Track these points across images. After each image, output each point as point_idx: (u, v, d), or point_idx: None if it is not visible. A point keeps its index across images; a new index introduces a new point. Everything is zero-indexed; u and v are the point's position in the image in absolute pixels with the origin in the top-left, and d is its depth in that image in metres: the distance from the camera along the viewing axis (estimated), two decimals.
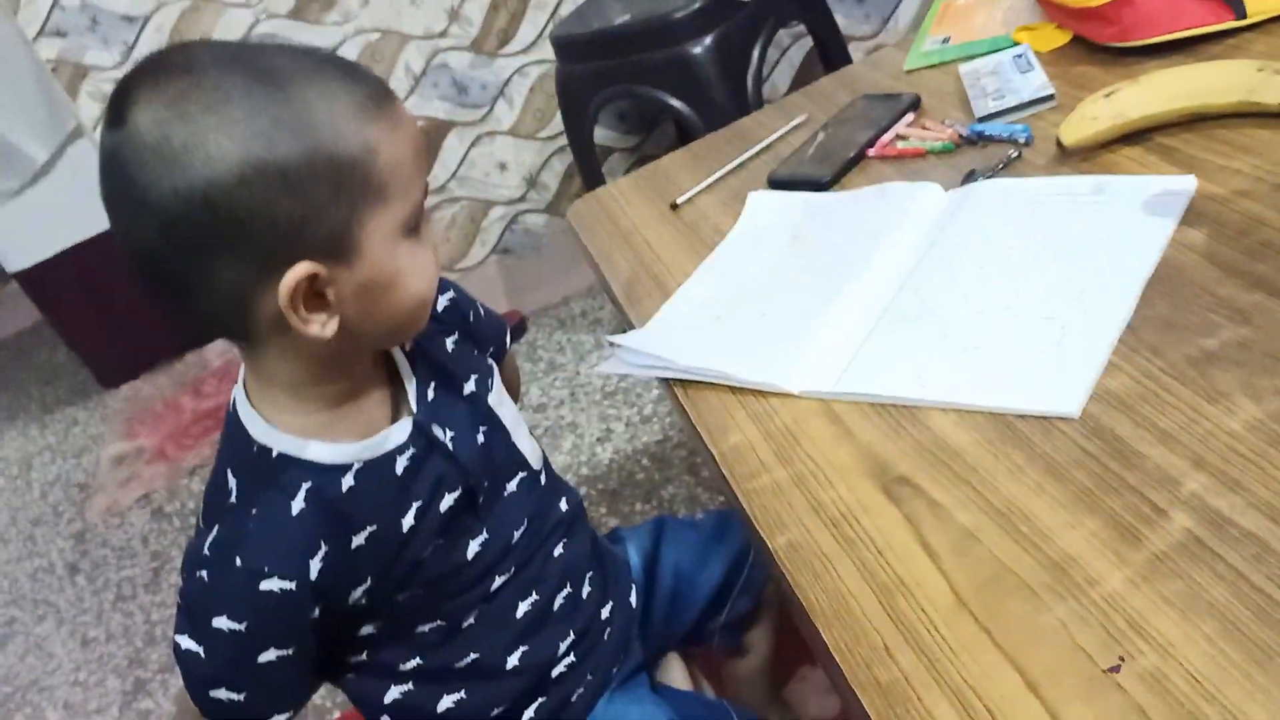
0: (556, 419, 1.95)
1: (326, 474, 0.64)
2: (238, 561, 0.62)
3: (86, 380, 3.08)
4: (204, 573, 0.62)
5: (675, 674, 0.88)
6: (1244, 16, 0.89)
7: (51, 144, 2.60)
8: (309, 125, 0.55)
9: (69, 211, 2.72)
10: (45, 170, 2.65)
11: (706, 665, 0.97)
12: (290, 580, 0.62)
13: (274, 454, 0.64)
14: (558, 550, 0.78)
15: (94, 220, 2.73)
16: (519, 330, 2.28)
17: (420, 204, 0.61)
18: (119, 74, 2.07)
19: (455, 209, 2.33)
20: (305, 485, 0.63)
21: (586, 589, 0.80)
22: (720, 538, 0.92)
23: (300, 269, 0.56)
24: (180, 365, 2.97)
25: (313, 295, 0.58)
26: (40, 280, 2.85)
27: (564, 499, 0.81)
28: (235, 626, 0.62)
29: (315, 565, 0.63)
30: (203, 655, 0.63)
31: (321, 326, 0.59)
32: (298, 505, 0.63)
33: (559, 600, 0.77)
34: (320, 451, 0.64)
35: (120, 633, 1.92)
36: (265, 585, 0.61)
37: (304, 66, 0.57)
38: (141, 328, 2.93)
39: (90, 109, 2.08)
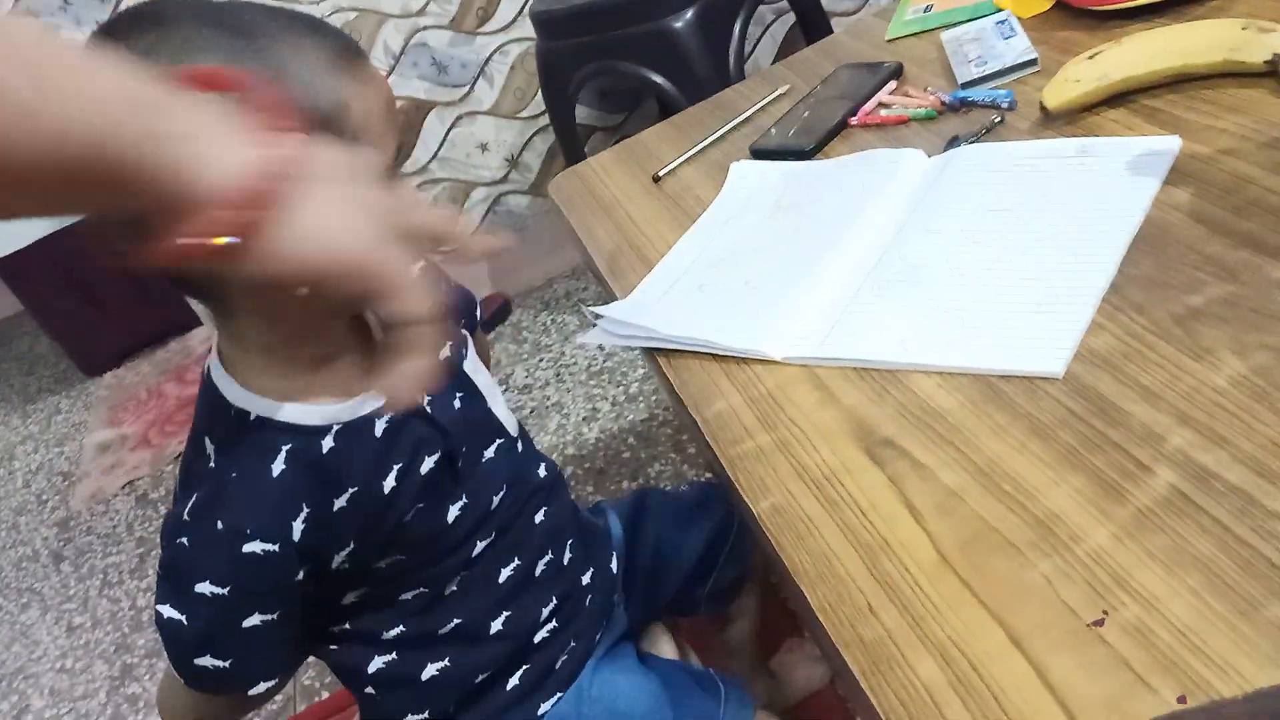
0: (542, 399, 1.94)
1: (306, 435, 0.64)
2: (219, 524, 0.61)
3: (69, 369, 3.06)
4: (185, 538, 0.61)
5: (662, 644, 0.88)
6: None
7: None
8: (281, 78, 0.55)
9: None
10: None
11: (694, 636, 0.97)
12: (273, 542, 0.61)
13: (251, 416, 0.63)
14: (539, 517, 0.78)
15: None
16: (503, 312, 2.27)
17: (392, 161, 0.61)
18: None
19: (436, 190, 2.31)
20: (285, 446, 0.63)
21: (568, 555, 0.80)
22: (702, 508, 0.92)
23: None
24: (163, 352, 2.95)
25: None
26: (20, 269, 2.82)
27: (542, 465, 0.81)
28: (218, 591, 0.61)
29: (298, 526, 0.62)
30: (185, 622, 0.62)
31: None
32: (278, 466, 0.62)
33: (540, 566, 0.77)
34: (299, 413, 0.64)
35: (107, 619, 1.91)
36: (248, 547, 0.61)
37: (276, 21, 0.57)
38: (123, 315, 2.91)
39: None
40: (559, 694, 0.77)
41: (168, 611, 0.62)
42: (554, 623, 0.78)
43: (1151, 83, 0.81)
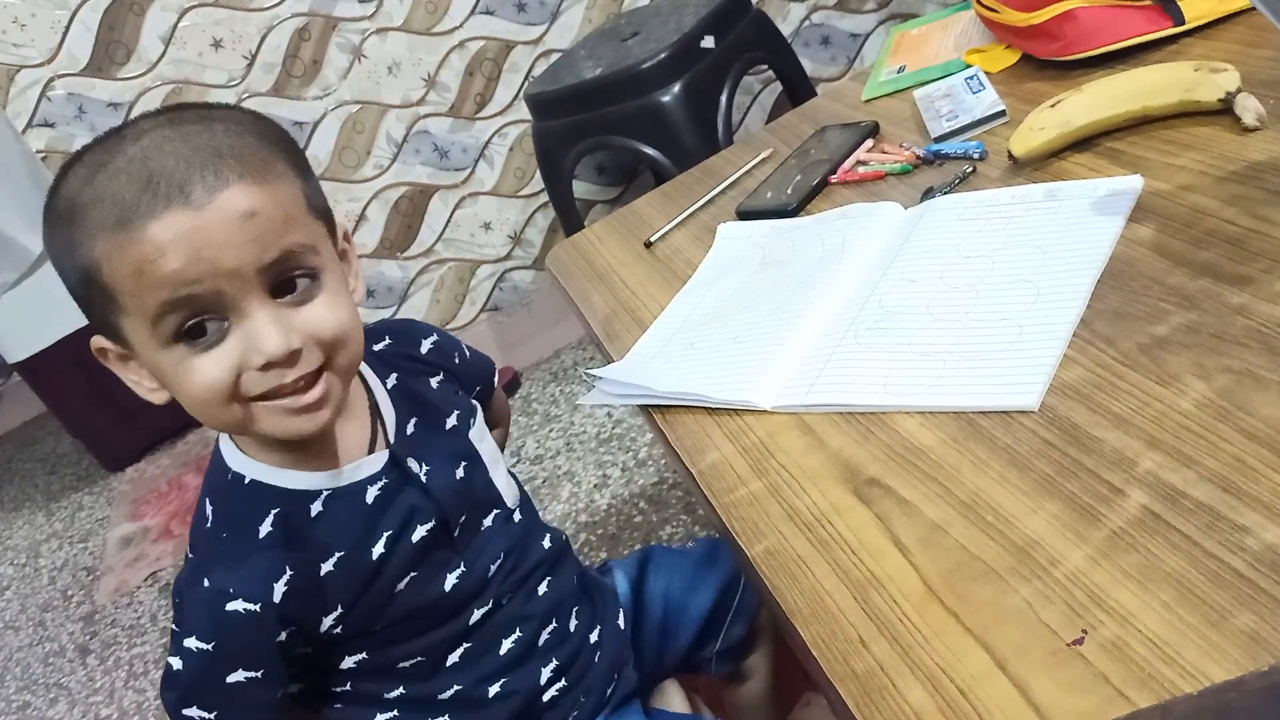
0: (553, 469, 1.96)
1: (295, 499, 0.67)
2: (205, 582, 0.64)
3: (91, 465, 3.09)
4: (184, 595, 0.65)
5: (673, 699, 0.89)
6: (1182, 23, 0.92)
7: None
8: (74, 234, 0.60)
9: (65, 300, 2.73)
10: (41, 260, 2.70)
11: (708, 695, 0.97)
12: (254, 602, 0.64)
13: (246, 480, 0.67)
14: (542, 589, 0.79)
15: None
16: (513, 386, 2.30)
17: (164, 316, 0.59)
18: None
19: (443, 270, 2.37)
20: (273, 511, 0.66)
21: (573, 623, 0.81)
22: (710, 564, 0.93)
23: (95, 340, 0.65)
24: (182, 444, 2.99)
25: (122, 362, 0.65)
26: (40, 369, 2.88)
27: (547, 537, 0.82)
28: (204, 646, 0.64)
29: (279, 589, 0.65)
30: (181, 672, 0.65)
31: (150, 391, 0.66)
32: (265, 528, 0.66)
33: (544, 636, 0.79)
34: (290, 479, 0.67)
35: (133, 710, 1.91)
36: (230, 606, 0.64)
37: (122, 168, 0.59)
38: (142, 410, 2.92)
39: None
40: None
41: (175, 662, 0.66)
42: (563, 681, 0.79)
43: (1113, 126, 0.84)
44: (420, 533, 0.71)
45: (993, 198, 0.83)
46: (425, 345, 0.82)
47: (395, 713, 0.75)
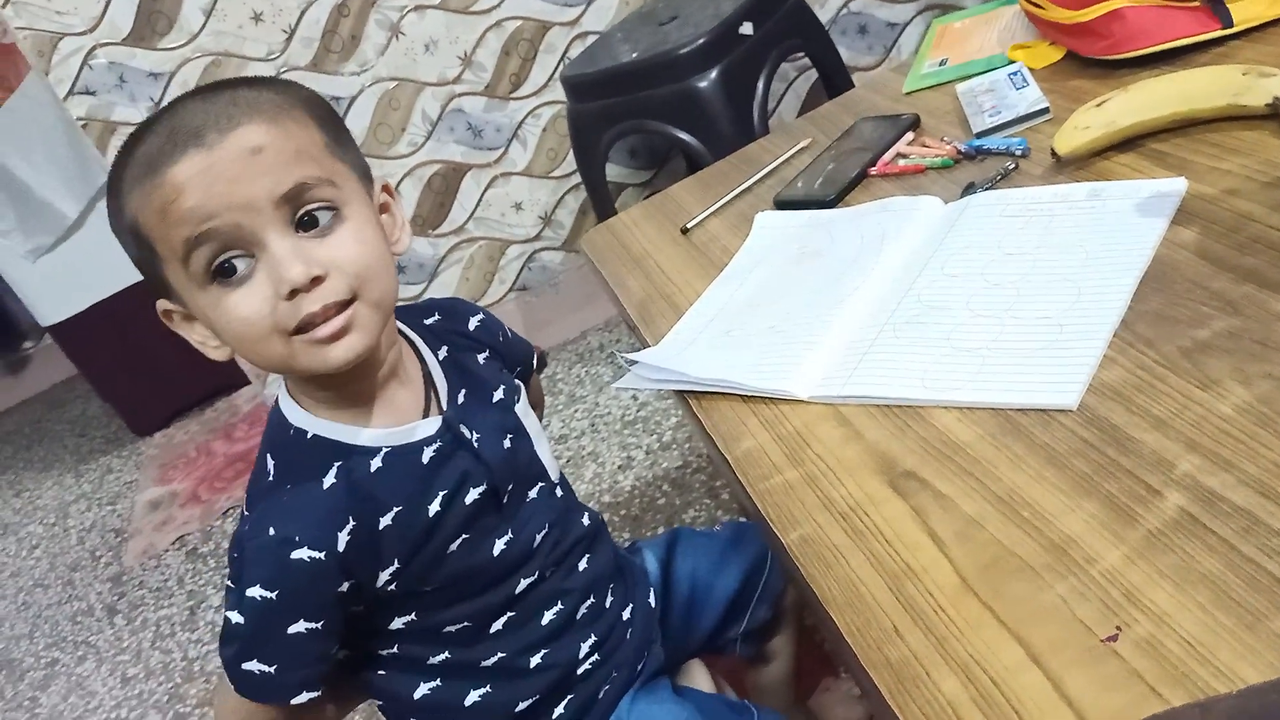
0: (578, 449, 1.97)
1: (356, 455, 0.69)
2: (271, 531, 0.66)
3: (119, 429, 3.14)
4: (245, 546, 0.67)
5: (699, 678, 0.90)
6: (1230, 25, 0.91)
7: (82, 199, 2.69)
8: (120, 200, 0.65)
9: (100, 265, 2.79)
10: (77, 225, 2.73)
11: (730, 676, 0.98)
12: (319, 550, 0.66)
13: (309, 435, 0.70)
14: (582, 564, 0.81)
15: (124, 273, 2.79)
16: (540, 364, 2.32)
17: (190, 253, 0.62)
18: None
19: (473, 249, 2.38)
20: (337, 464, 0.68)
21: (609, 599, 0.83)
22: (736, 547, 0.94)
23: (159, 304, 0.69)
24: (211, 412, 3.03)
25: (187, 323, 0.69)
26: (73, 333, 2.92)
27: (585, 515, 0.84)
28: (268, 595, 0.66)
29: (343, 538, 0.67)
30: (238, 625, 0.67)
31: (215, 349, 0.69)
32: (329, 481, 0.68)
33: (582, 610, 0.80)
34: (351, 434, 0.70)
35: (159, 670, 1.95)
36: (296, 554, 0.66)
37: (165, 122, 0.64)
38: (172, 377, 2.99)
39: None
40: None
41: (234, 616, 0.68)
42: (596, 656, 0.81)
43: (1158, 127, 0.84)
44: (473, 495, 0.73)
45: (1035, 195, 0.84)
46: (472, 323, 0.84)
47: (439, 681, 0.77)
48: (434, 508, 0.71)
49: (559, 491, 0.82)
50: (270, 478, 0.71)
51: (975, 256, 0.80)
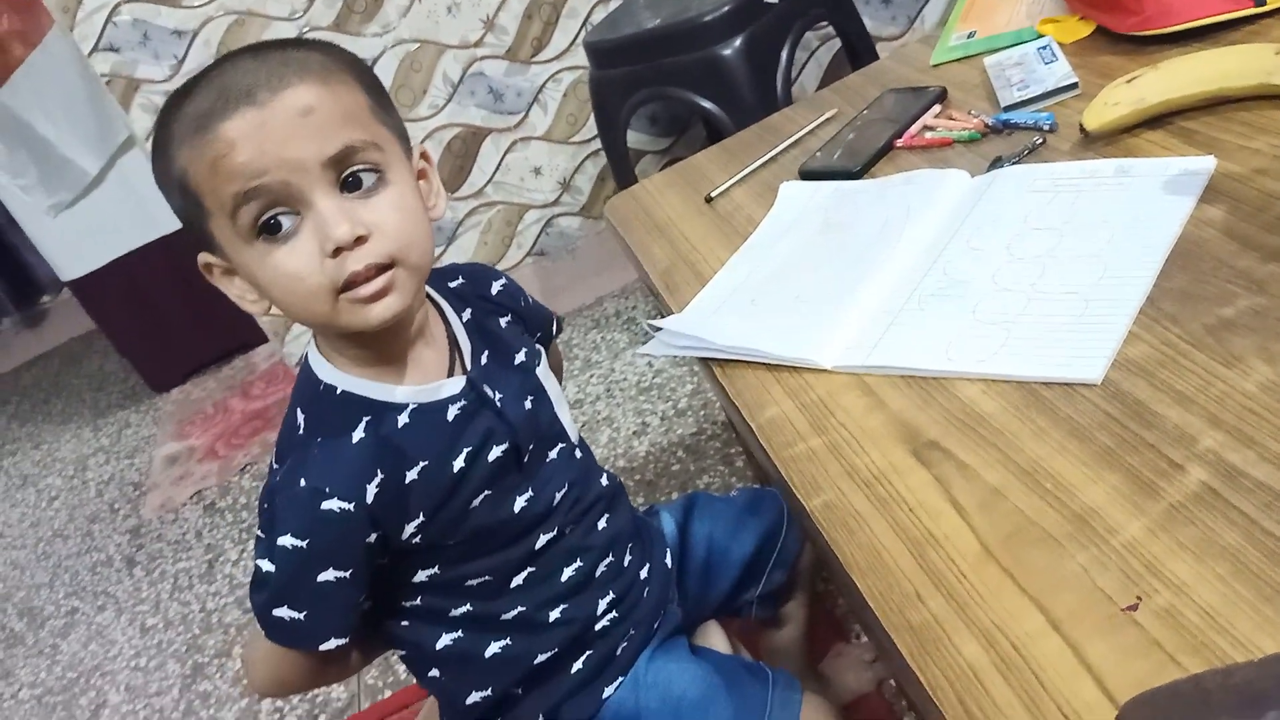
0: (593, 414, 1.99)
1: (384, 411, 0.71)
2: (302, 482, 0.68)
3: (137, 385, 3.17)
4: (276, 497, 0.69)
5: (715, 639, 0.92)
6: (1263, 3, 0.91)
7: (103, 156, 2.70)
8: (168, 153, 0.65)
9: (120, 222, 2.81)
10: (97, 182, 2.75)
11: (744, 638, 1.00)
12: (349, 501, 0.68)
13: (338, 391, 0.72)
14: (601, 524, 0.83)
15: (144, 230, 2.84)
16: (556, 330, 2.33)
17: (239, 208, 0.64)
18: (169, 86, 2.14)
19: (491, 213, 2.39)
20: (365, 419, 0.70)
21: (628, 559, 0.85)
22: (753, 512, 0.96)
23: (201, 257, 0.70)
24: (228, 369, 3.06)
25: (226, 277, 0.70)
26: (92, 289, 2.94)
27: (604, 476, 0.86)
28: (298, 543, 0.68)
29: (371, 490, 0.69)
30: (269, 573, 0.69)
31: (252, 303, 0.71)
32: (357, 435, 0.70)
33: (601, 568, 0.82)
34: (379, 391, 0.72)
35: (178, 620, 1.99)
36: (326, 505, 0.68)
37: (212, 80, 0.65)
38: (190, 334, 3.02)
39: (143, 121, 2.15)
40: (619, 679, 0.82)
41: (264, 565, 0.70)
42: (614, 613, 0.83)
43: (1188, 105, 0.84)
44: (496, 453, 0.74)
45: (1063, 170, 0.84)
46: (495, 287, 0.85)
47: (460, 632, 0.79)
48: (458, 464, 0.73)
49: (578, 453, 0.84)
50: (300, 432, 0.73)
51: (1002, 230, 0.80)
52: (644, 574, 0.86)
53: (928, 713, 0.51)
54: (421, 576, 0.76)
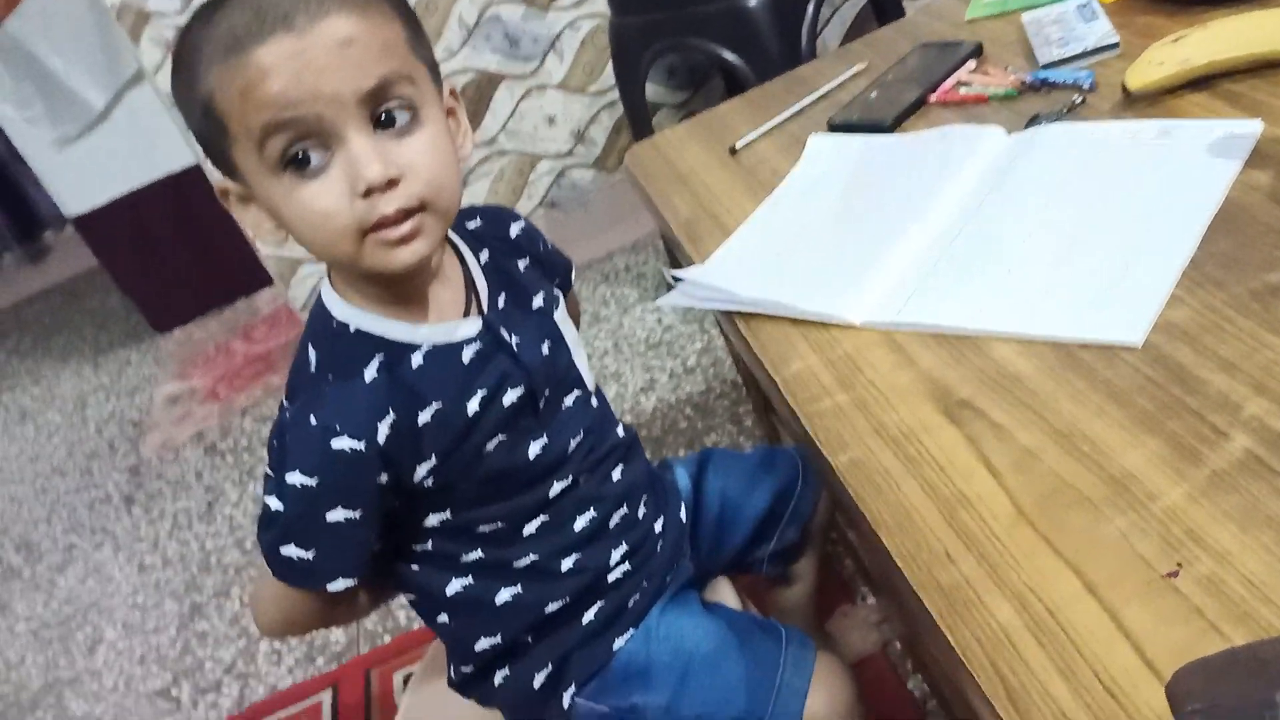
0: (600, 369, 1.97)
1: (398, 350, 0.70)
2: (313, 420, 0.67)
3: (139, 324, 3.16)
4: (286, 434, 0.68)
5: (726, 594, 0.91)
6: None
7: (110, 90, 2.66)
8: (192, 70, 0.62)
9: (125, 158, 2.77)
10: (103, 116, 2.71)
11: (754, 595, 1.00)
12: (360, 440, 0.67)
13: (351, 329, 0.70)
14: (616, 474, 0.81)
15: (149, 168, 2.81)
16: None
17: (267, 138, 0.61)
18: (180, 20, 2.09)
19: (503, 162, 2.35)
20: (378, 357, 0.69)
21: (642, 510, 0.84)
22: (767, 469, 0.95)
23: (218, 182, 0.69)
24: (231, 311, 3.04)
25: (243, 205, 0.68)
26: (96, 225, 2.92)
27: (620, 427, 0.85)
28: (307, 481, 0.67)
29: (383, 430, 0.67)
30: (280, 512, 0.68)
31: (269, 233, 0.68)
32: (370, 374, 0.68)
33: (615, 518, 0.81)
34: (393, 329, 0.70)
35: (176, 559, 1.99)
36: (336, 443, 0.66)
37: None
38: (193, 274, 3.00)
39: (152, 54, 2.11)
40: (630, 630, 0.81)
41: (273, 503, 0.69)
42: (627, 565, 0.82)
43: (1234, 67, 0.82)
44: (511, 397, 0.73)
45: (1104, 130, 0.82)
46: (514, 229, 0.83)
47: (471, 578, 0.78)
48: (473, 406, 0.71)
49: (594, 401, 0.82)
50: (312, 369, 0.71)
51: (1040, 189, 0.78)
52: (658, 526, 0.85)
53: (956, 675, 0.50)
54: (433, 521, 0.75)
